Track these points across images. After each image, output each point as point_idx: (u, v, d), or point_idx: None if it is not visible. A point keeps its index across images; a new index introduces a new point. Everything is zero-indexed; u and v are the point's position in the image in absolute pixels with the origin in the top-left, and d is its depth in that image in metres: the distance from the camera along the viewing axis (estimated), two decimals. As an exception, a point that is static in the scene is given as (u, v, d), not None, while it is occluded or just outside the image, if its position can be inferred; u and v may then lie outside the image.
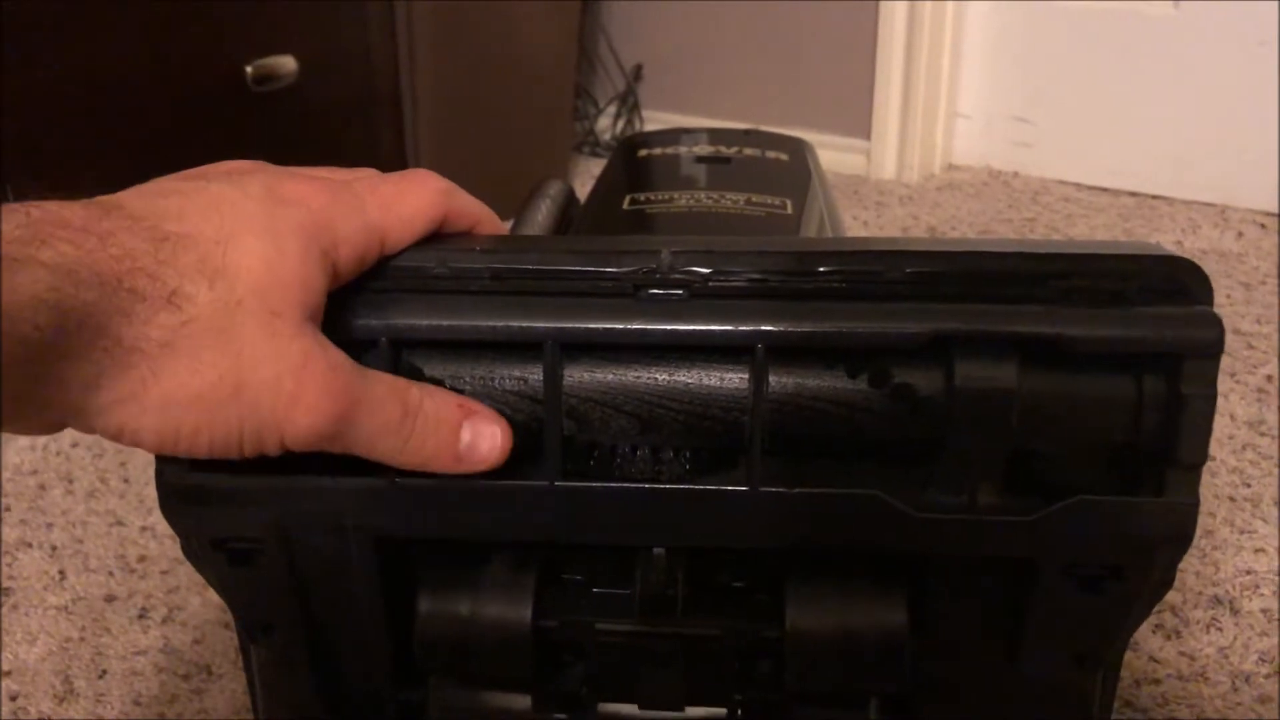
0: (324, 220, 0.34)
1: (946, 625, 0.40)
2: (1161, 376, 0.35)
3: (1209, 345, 0.34)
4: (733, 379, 0.37)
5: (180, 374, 0.31)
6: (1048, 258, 0.36)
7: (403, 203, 0.37)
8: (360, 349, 0.36)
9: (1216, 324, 0.35)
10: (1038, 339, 0.35)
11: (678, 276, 0.36)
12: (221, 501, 0.38)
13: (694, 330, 0.36)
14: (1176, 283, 0.35)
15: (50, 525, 0.84)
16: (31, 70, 0.96)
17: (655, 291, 0.36)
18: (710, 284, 0.36)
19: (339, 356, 0.34)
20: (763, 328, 0.35)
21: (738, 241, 0.38)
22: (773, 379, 0.36)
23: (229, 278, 0.32)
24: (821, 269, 0.36)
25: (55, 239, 0.29)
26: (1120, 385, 0.36)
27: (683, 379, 0.37)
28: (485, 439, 0.36)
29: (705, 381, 0.37)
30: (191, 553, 0.41)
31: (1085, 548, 0.37)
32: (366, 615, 0.41)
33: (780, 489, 0.37)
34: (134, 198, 0.32)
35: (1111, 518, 0.36)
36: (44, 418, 0.31)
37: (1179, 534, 0.36)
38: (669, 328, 0.36)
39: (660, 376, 0.37)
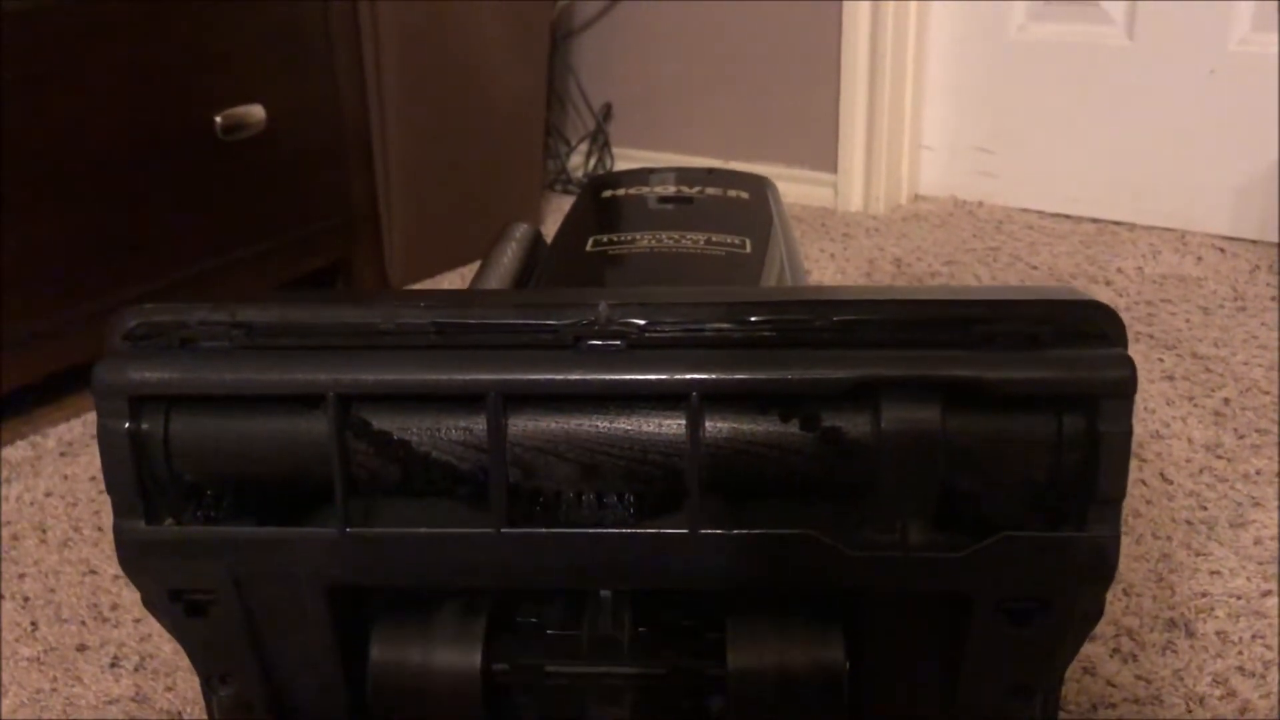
0: None
1: (884, 660, 0.41)
2: (1080, 416, 0.37)
3: (1122, 385, 0.36)
4: (670, 425, 0.38)
5: None
6: (968, 304, 0.37)
7: None
8: (308, 404, 0.38)
9: (1129, 365, 0.36)
10: (959, 382, 0.36)
11: (615, 328, 0.38)
12: (176, 554, 0.40)
13: (632, 380, 0.37)
14: (1092, 326, 0.37)
15: (23, 575, 0.84)
16: (5, 119, 0.97)
17: (594, 343, 0.38)
18: (647, 334, 0.38)
19: None
20: (697, 376, 0.37)
21: (675, 292, 0.40)
22: (709, 424, 0.38)
23: None
24: (753, 318, 0.38)
25: None
26: (1041, 425, 0.37)
27: (622, 426, 0.38)
28: None
29: (644, 428, 0.38)
30: (150, 604, 0.42)
31: (1013, 582, 0.38)
32: (322, 663, 0.42)
33: (719, 530, 0.38)
34: None
35: (1037, 552, 0.38)
36: None
37: (1102, 566, 0.38)
38: (608, 377, 0.37)
39: (601, 424, 0.38)
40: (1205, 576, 0.77)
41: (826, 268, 1.43)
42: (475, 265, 1.50)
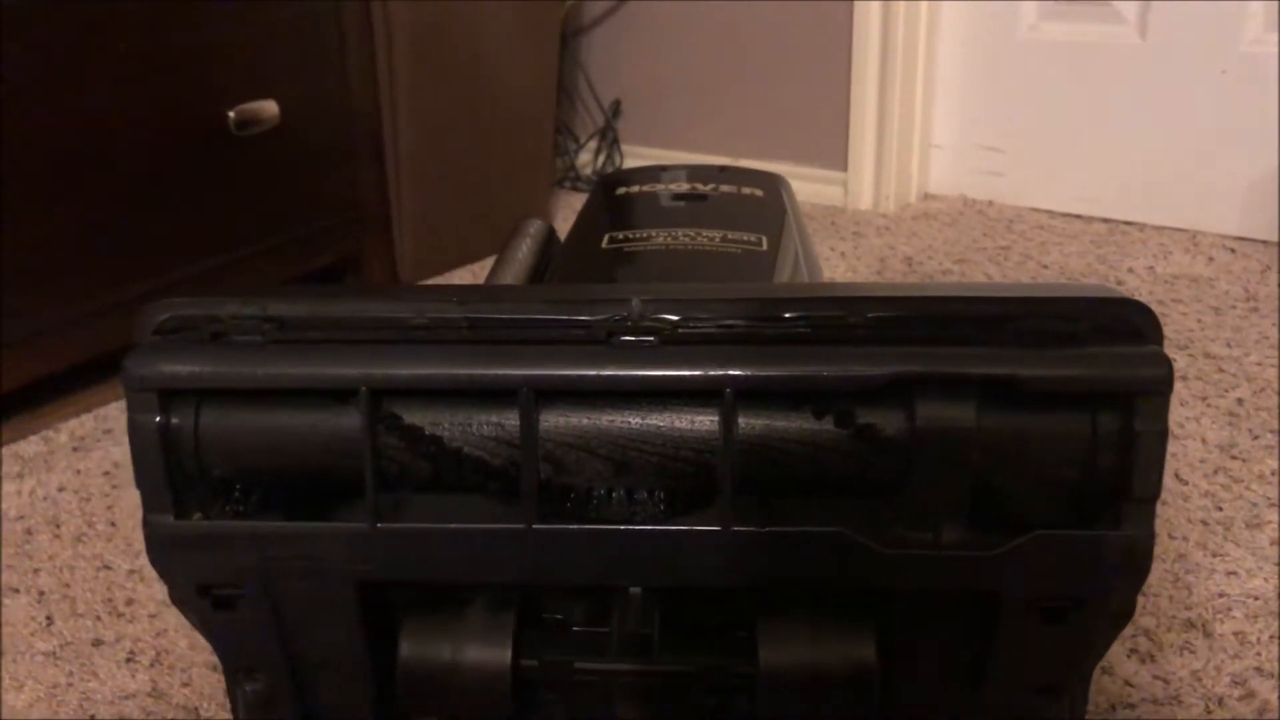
0: None
1: (914, 658, 0.41)
2: (1115, 414, 0.37)
3: (1159, 383, 0.36)
4: (703, 422, 0.38)
5: None
6: (1003, 301, 0.37)
7: None
8: (339, 399, 0.38)
9: (1165, 363, 0.36)
10: (994, 379, 0.36)
11: (648, 324, 0.38)
12: (206, 547, 0.39)
13: (665, 375, 0.37)
14: (1127, 323, 0.37)
15: (37, 570, 0.84)
16: (16, 116, 0.97)
17: (627, 338, 0.38)
18: (680, 330, 0.38)
19: None
20: (731, 372, 0.37)
21: (707, 288, 0.40)
22: (742, 421, 0.38)
23: None
24: (787, 314, 0.38)
25: None
26: (1075, 423, 0.37)
27: (655, 422, 0.38)
28: None
29: (677, 424, 0.38)
30: (177, 598, 0.42)
31: (1046, 581, 0.38)
32: (349, 658, 0.42)
33: (751, 528, 0.38)
34: None
35: (1070, 551, 0.37)
36: None
37: (1136, 566, 0.38)
38: (640, 373, 0.37)
39: (633, 420, 0.38)
40: (1222, 577, 0.77)
41: (838, 266, 1.43)
42: (485, 262, 1.50)
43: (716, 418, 0.38)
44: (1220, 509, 0.85)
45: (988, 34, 1.57)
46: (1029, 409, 0.37)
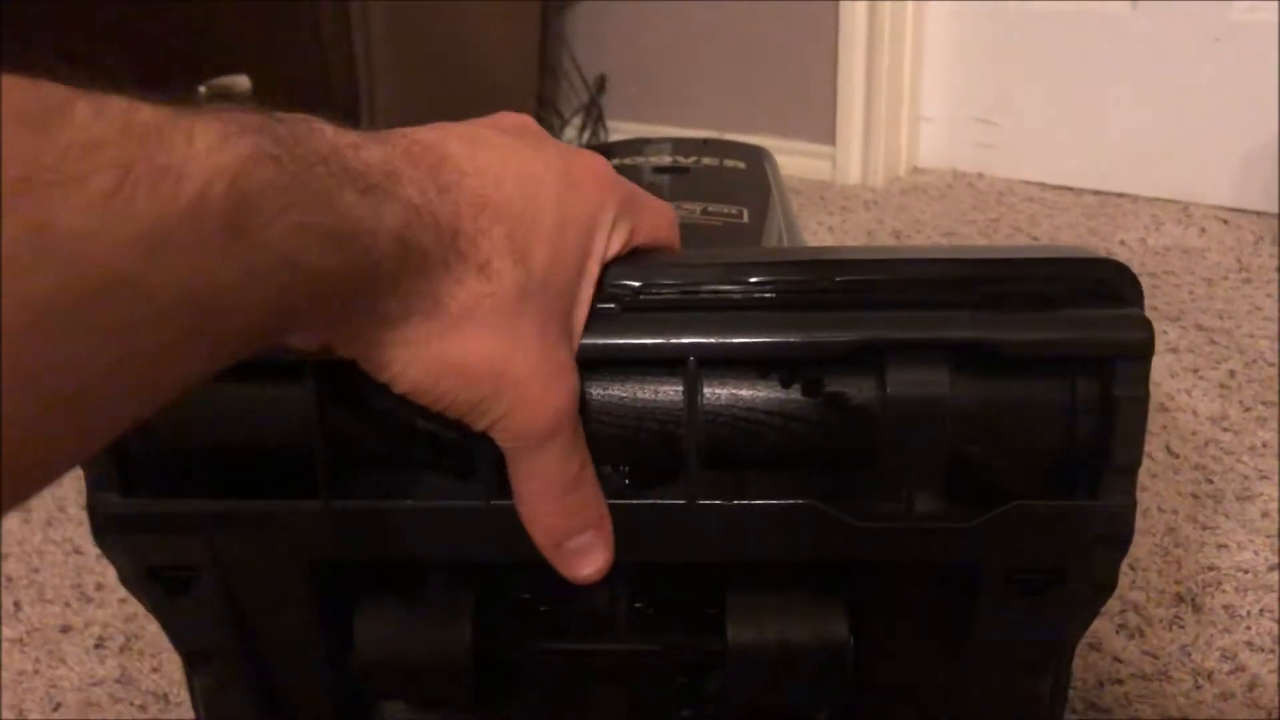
0: (600, 220, 0.34)
1: (889, 633, 0.39)
2: (1094, 379, 0.35)
3: (1139, 347, 0.34)
4: (667, 391, 0.36)
5: (463, 342, 0.31)
6: (977, 263, 0.36)
7: (660, 230, 0.37)
8: (288, 373, 0.36)
9: (1146, 326, 0.34)
10: (968, 344, 0.35)
11: (609, 290, 0.36)
12: (153, 528, 0.38)
13: (625, 344, 0.36)
14: (1106, 285, 0.35)
15: (6, 555, 0.83)
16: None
17: None
18: (641, 297, 0.36)
19: (577, 381, 0.34)
20: (694, 339, 0.35)
21: (670, 255, 0.38)
22: (706, 390, 0.36)
23: (527, 265, 0.31)
24: (752, 279, 0.36)
25: (406, 178, 0.29)
26: (1053, 389, 0.35)
27: (616, 393, 0.37)
28: (592, 559, 0.36)
29: (639, 395, 0.37)
30: (128, 581, 0.40)
31: (1025, 552, 0.36)
32: (306, 640, 0.40)
33: (718, 501, 0.36)
34: (458, 149, 0.31)
35: (1049, 522, 0.36)
36: (325, 337, 0.30)
37: (1117, 536, 0.36)
38: (600, 341, 0.36)
39: (594, 391, 0.37)
40: (1212, 550, 0.76)
41: (825, 240, 1.41)
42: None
43: (680, 387, 0.36)
44: (1211, 481, 0.84)
45: (978, 4, 1.55)
46: (1005, 375, 0.35)
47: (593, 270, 0.34)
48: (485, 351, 0.31)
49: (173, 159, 0.23)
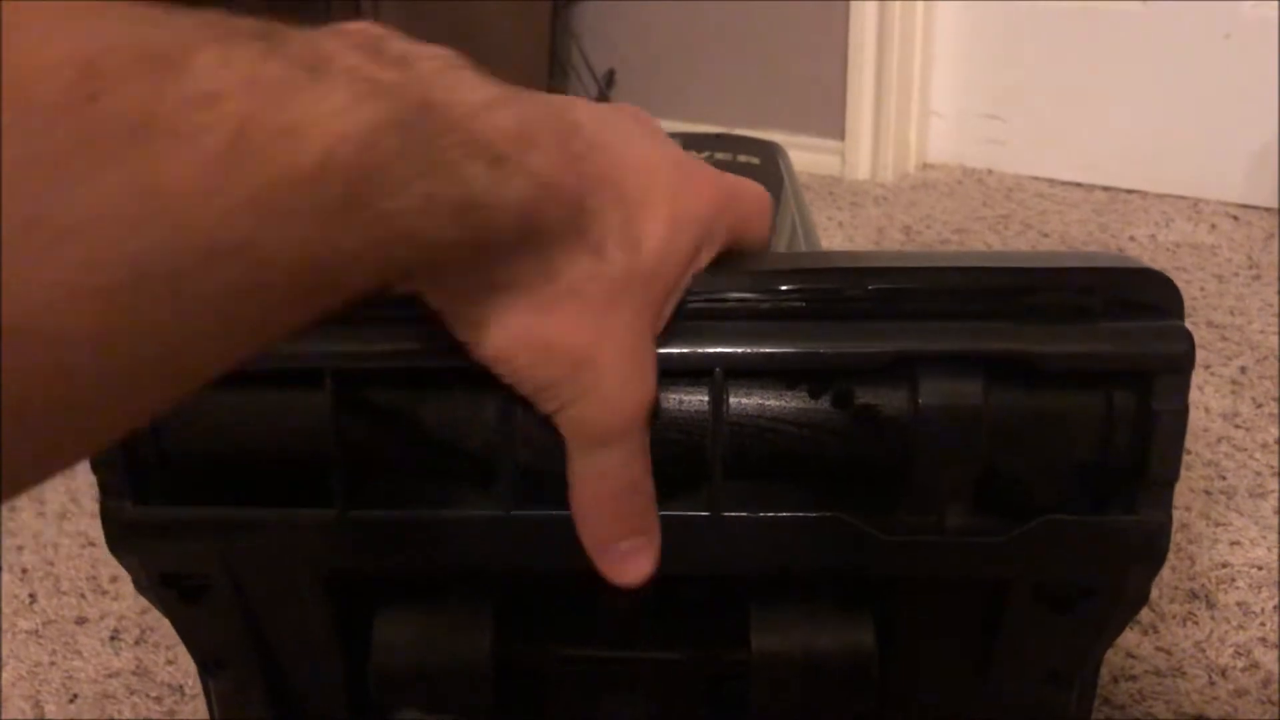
0: (710, 224, 0.33)
1: (916, 646, 0.39)
2: (1131, 392, 0.34)
3: (1179, 360, 0.33)
4: (691, 401, 0.35)
5: (560, 319, 0.29)
6: (1013, 272, 0.35)
7: (749, 230, 0.35)
8: (305, 380, 0.35)
9: (1187, 338, 0.33)
10: (1004, 356, 0.34)
11: None
12: (167, 536, 0.37)
13: None
14: (1146, 296, 0.34)
15: (21, 548, 0.83)
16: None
17: None
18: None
19: (655, 385, 0.33)
20: (721, 350, 0.34)
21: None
22: (733, 401, 0.35)
23: (639, 252, 0.30)
24: (782, 287, 0.35)
25: (538, 146, 0.27)
26: (1090, 402, 0.34)
27: None
28: (638, 565, 0.34)
29: (664, 405, 0.36)
30: (142, 587, 0.40)
31: (1056, 567, 0.36)
32: (322, 649, 0.40)
33: (743, 514, 0.36)
34: (587, 119, 0.30)
35: (1083, 537, 0.35)
36: (419, 288, 0.29)
37: (1152, 552, 0.35)
38: None
39: None
40: (1225, 547, 0.76)
41: (835, 236, 1.41)
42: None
43: (706, 397, 0.35)
44: (1224, 478, 0.84)
45: (988, 1, 1.55)
46: (1040, 387, 0.34)
47: (693, 270, 0.33)
48: (576, 333, 0.30)
49: (295, 118, 0.21)
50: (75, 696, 0.68)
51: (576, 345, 0.30)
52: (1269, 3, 1.36)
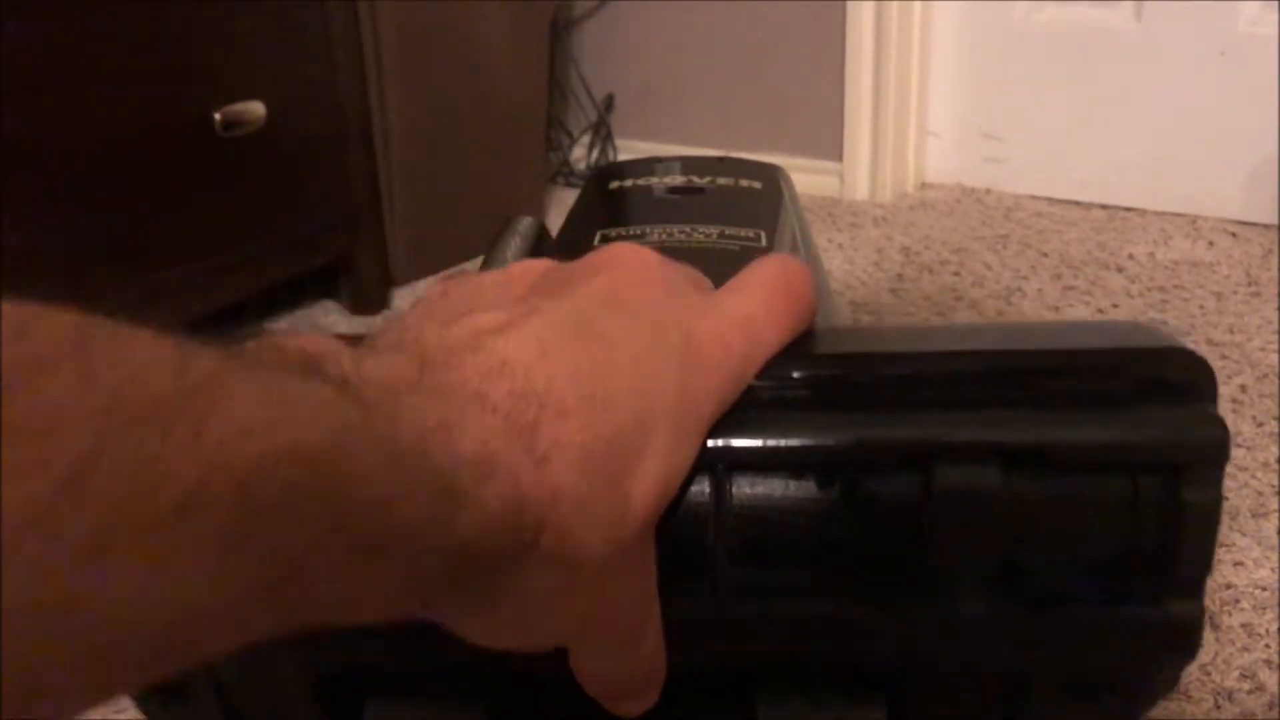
0: (726, 391, 0.30)
1: None
2: (1160, 480, 0.32)
3: (1212, 450, 0.31)
4: (693, 492, 0.34)
5: (550, 616, 0.28)
6: (1032, 354, 0.34)
7: (793, 330, 0.33)
8: None
9: (1220, 426, 0.31)
10: (1021, 448, 0.32)
11: None
12: None
13: None
14: (1177, 377, 0.32)
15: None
16: (4, 119, 0.96)
17: None
18: None
19: (662, 638, 0.32)
20: (722, 442, 0.33)
21: None
22: (735, 490, 0.34)
23: (628, 520, 0.27)
24: (794, 374, 0.33)
25: (501, 471, 0.24)
26: (1115, 491, 0.33)
27: None
28: (641, 704, 0.33)
29: None
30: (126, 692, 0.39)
31: (1079, 660, 0.34)
32: None
33: (746, 606, 0.34)
34: (559, 363, 0.26)
35: (1108, 630, 0.33)
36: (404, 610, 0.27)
37: (1183, 644, 0.33)
38: None
39: None
40: (1229, 568, 0.76)
41: (835, 258, 1.42)
42: (479, 260, 1.49)
43: (707, 488, 0.34)
44: (1226, 499, 0.84)
45: (983, 20, 1.56)
46: (1061, 474, 0.32)
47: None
48: (570, 615, 0.28)
49: (161, 449, 0.18)
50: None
51: (577, 621, 0.28)
52: (1264, 20, 1.37)
